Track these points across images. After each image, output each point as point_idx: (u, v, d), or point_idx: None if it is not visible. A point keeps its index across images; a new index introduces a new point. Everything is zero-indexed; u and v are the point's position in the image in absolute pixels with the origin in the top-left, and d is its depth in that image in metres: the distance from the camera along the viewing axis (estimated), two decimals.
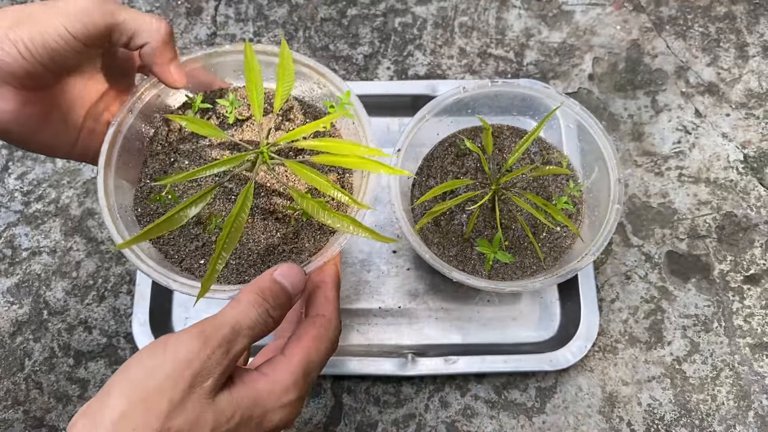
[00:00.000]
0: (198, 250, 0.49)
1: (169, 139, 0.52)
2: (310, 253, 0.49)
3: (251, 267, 0.48)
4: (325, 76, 0.51)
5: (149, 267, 0.45)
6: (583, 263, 0.52)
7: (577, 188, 0.59)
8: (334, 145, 0.44)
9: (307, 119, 0.53)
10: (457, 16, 0.74)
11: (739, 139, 0.69)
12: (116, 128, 0.48)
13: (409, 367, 0.58)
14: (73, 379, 0.61)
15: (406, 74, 0.71)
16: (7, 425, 0.60)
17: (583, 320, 0.59)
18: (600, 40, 0.73)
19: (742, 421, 0.59)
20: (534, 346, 0.61)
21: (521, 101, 0.60)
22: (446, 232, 0.57)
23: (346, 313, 0.62)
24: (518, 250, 0.56)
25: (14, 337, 0.63)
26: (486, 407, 0.60)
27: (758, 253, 0.64)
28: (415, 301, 0.63)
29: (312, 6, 0.75)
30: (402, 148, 0.56)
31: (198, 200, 0.41)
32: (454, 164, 0.60)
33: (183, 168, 0.50)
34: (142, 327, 0.59)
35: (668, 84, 0.71)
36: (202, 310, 0.59)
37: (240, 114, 0.52)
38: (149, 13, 0.47)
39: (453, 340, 0.61)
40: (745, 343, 0.61)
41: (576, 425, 0.59)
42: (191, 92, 0.52)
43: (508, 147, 0.61)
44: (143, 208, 0.50)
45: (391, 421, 0.59)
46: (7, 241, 0.66)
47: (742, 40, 0.72)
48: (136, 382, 0.33)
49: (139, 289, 0.60)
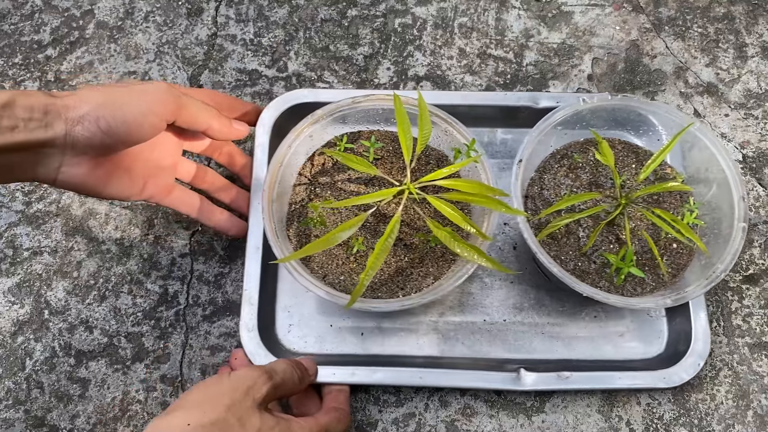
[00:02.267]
0: (338, 267, 0.57)
1: (312, 172, 0.61)
2: (434, 277, 0.57)
3: (384, 285, 0.57)
4: (453, 126, 0.59)
5: (307, 280, 0.53)
6: (713, 280, 0.53)
7: (696, 205, 0.59)
8: (464, 184, 0.52)
9: (430, 160, 0.62)
10: (457, 16, 0.74)
11: (738, 139, 0.69)
12: (278, 162, 0.57)
13: (520, 382, 0.56)
14: (74, 379, 0.61)
15: (406, 75, 0.71)
16: (8, 425, 0.60)
17: (697, 336, 0.58)
18: (599, 40, 0.73)
19: (741, 421, 0.59)
20: (642, 363, 0.60)
21: (637, 116, 0.61)
22: (562, 246, 0.58)
23: (450, 324, 0.62)
24: (637, 266, 0.56)
25: (15, 337, 0.63)
26: (485, 406, 0.60)
27: (757, 252, 0.64)
28: (521, 315, 0.62)
29: (312, 7, 0.75)
30: (523, 159, 0.57)
31: (351, 226, 0.50)
32: (567, 177, 0.60)
33: (324, 197, 0.60)
34: (251, 333, 0.58)
35: (667, 84, 0.71)
36: (306, 319, 0.62)
37: (376, 153, 0.61)
38: (204, 100, 0.55)
39: (560, 355, 0.60)
40: (744, 343, 0.61)
41: (575, 424, 0.59)
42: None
43: (622, 161, 0.61)
44: (294, 230, 0.59)
45: (391, 420, 0.60)
46: (8, 241, 0.66)
47: (741, 40, 0.73)
48: (204, 389, 0.44)
49: (247, 294, 0.59)
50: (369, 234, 0.59)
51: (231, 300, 0.64)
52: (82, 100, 0.45)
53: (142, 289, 0.64)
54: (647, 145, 0.63)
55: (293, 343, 0.61)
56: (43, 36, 0.74)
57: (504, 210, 0.50)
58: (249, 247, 0.60)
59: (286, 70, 0.72)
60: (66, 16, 0.75)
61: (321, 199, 0.60)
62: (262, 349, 0.57)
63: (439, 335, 0.61)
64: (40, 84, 0.72)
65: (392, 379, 0.57)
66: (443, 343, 0.61)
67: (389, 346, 0.61)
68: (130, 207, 0.67)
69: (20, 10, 0.75)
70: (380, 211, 0.59)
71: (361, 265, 0.58)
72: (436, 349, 0.61)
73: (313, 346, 0.61)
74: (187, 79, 0.72)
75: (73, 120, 0.44)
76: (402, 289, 0.57)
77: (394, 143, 0.62)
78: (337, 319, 0.62)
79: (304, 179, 0.61)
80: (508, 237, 0.65)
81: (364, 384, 0.59)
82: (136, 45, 0.74)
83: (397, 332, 0.61)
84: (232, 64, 0.72)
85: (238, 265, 0.65)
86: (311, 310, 0.62)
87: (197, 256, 0.65)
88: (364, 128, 0.63)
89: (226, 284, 0.64)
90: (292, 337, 0.61)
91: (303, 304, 0.62)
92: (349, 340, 0.61)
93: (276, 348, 0.59)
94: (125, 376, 0.61)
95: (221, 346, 0.62)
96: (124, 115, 0.46)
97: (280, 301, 0.62)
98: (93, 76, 0.72)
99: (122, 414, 0.60)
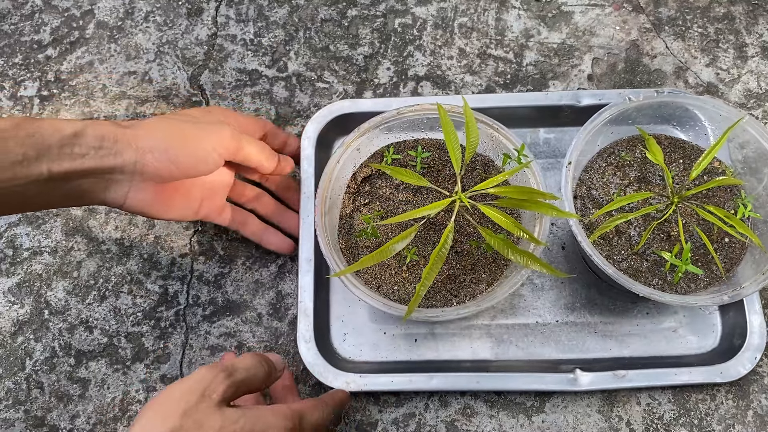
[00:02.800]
0: (391, 278, 0.58)
1: (360, 183, 0.61)
2: (487, 283, 0.57)
3: (437, 293, 0.57)
4: (499, 131, 0.59)
5: (362, 292, 0.54)
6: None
7: (748, 199, 0.58)
8: (514, 191, 0.51)
9: (476, 166, 0.61)
10: (457, 16, 0.74)
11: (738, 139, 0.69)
12: (328, 177, 0.58)
13: (577, 383, 0.56)
14: (74, 379, 0.61)
15: (406, 75, 0.72)
16: (8, 425, 0.60)
17: (753, 330, 0.58)
18: (599, 40, 0.73)
19: (741, 421, 0.59)
20: (697, 358, 0.60)
21: (684, 111, 0.60)
22: (614, 246, 0.57)
23: (502, 327, 0.62)
24: (690, 262, 0.56)
25: (15, 337, 0.63)
26: (485, 406, 0.60)
27: None
28: (573, 315, 0.62)
29: (312, 7, 0.75)
30: (573, 161, 0.57)
31: (404, 237, 0.50)
32: (615, 175, 0.60)
33: (373, 208, 0.60)
34: (308, 344, 0.58)
35: (667, 84, 0.71)
36: (359, 327, 0.62)
37: (423, 162, 0.61)
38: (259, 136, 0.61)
39: (615, 353, 0.60)
40: None
41: (575, 424, 0.59)
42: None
43: (669, 157, 0.61)
44: (345, 241, 0.60)
45: (391, 420, 0.60)
46: (8, 241, 0.66)
47: (741, 40, 0.73)
48: (159, 400, 0.42)
49: (302, 305, 0.59)
50: (420, 243, 0.59)
51: (231, 300, 0.64)
52: (153, 129, 0.50)
53: (142, 289, 0.64)
54: (693, 139, 0.63)
55: (349, 352, 0.61)
56: (43, 36, 0.74)
57: (556, 214, 0.50)
58: (301, 260, 0.60)
59: (286, 70, 0.72)
60: (66, 16, 0.75)
61: (370, 210, 0.60)
62: (320, 360, 0.57)
63: (492, 339, 0.61)
64: (40, 84, 0.72)
65: (449, 384, 0.57)
66: (497, 346, 0.61)
67: (443, 351, 0.61)
68: None
69: (20, 10, 0.75)
70: (430, 220, 0.59)
71: (414, 275, 0.58)
72: (489, 353, 0.61)
73: (368, 354, 0.61)
74: (187, 79, 0.72)
75: (143, 149, 0.48)
76: (455, 296, 0.57)
77: (440, 151, 0.62)
78: (391, 327, 0.62)
79: (353, 191, 0.61)
80: (556, 237, 0.65)
81: (422, 390, 0.59)
82: (136, 45, 0.74)
83: (450, 337, 0.61)
84: (232, 64, 0.72)
85: (238, 265, 0.65)
86: (364, 319, 0.62)
87: (197, 256, 0.65)
88: (409, 137, 0.63)
89: (226, 284, 0.64)
90: (348, 346, 0.61)
91: (356, 313, 0.62)
92: (403, 347, 0.61)
93: (333, 358, 0.59)
94: (125, 376, 0.61)
95: (221, 346, 0.62)
96: (192, 150, 0.51)
97: (334, 311, 0.63)
98: (93, 76, 0.72)
99: (122, 414, 0.60)
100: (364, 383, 0.57)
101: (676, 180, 0.60)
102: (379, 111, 0.60)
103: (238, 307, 0.64)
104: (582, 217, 0.58)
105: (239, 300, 0.64)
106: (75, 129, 0.46)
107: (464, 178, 0.61)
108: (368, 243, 0.59)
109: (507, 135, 0.58)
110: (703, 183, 0.57)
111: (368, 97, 0.71)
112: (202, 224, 0.66)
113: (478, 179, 0.61)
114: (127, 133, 0.48)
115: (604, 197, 0.60)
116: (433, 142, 0.63)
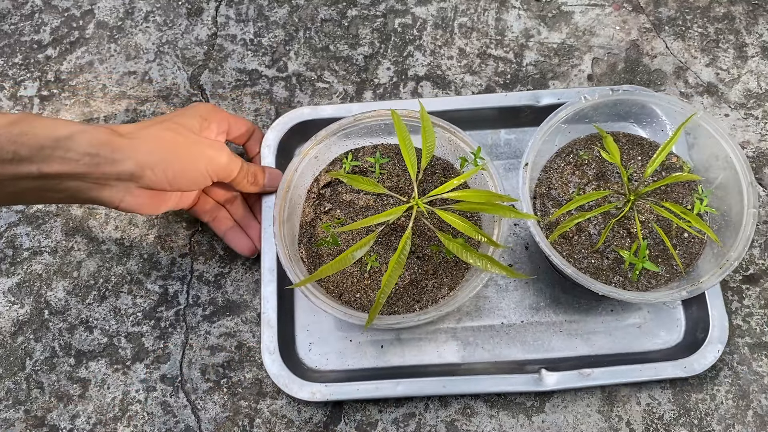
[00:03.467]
0: (353, 285, 0.58)
1: (320, 191, 0.61)
2: (449, 287, 0.57)
3: (399, 299, 0.57)
4: (456, 134, 0.59)
5: (323, 302, 0.53)
6: (727, 268, 0.53)
7: (705, 193, 0.59)
8: (472, 194, 0.52)
9: (436, 170, 0.62)
10: (457, 16, 0.74)
11: (738, 139, 0.69)
12: (286, 186, 0.57)
13: (542, 383, 0.57)
14: (74, 379, 0.61)
15: (406, 75, 0.71)
16: (8, 425, 0.60)
17: (714, 323, 0.58)
18: (599, 40, 0.73)
19: (741, 421, 0.59)
20: (662, 353, 0.60)
21: (640, 108, 0.61)
22: (574, 245, 0.58)
23: (468, 330, 0.62)
24: (650, 258, 0.56)
25: (15, 337, 0.63)
26: (485, 406, 0.60)
27: (757, 253, 0.64)
28: (538, 315, 0.62)
29: (312, 7, 0.75)
30: (530, 161, 0.57)
31: (363, 245, 0.50)
32: (573, 174, 0.60)
33: (334, 215, 0.60)
34: (272, 356, 0.58)
35: (667, 84, 0.71)
36: (325, 336, 0.62)
37: (382, 168, 0.62)
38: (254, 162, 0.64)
39: (581, 352, 0.61)
40: (744, 343, 0.61)
41: (575, 424, 0.59)
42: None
43: (627, 154, 0.61)
44: (307, 250, 0.59)
45: (391, 420, 0.59)
46: (8, 241, 0.66)
47: (741, 40, 0.73)
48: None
49: (265, 316, 0.59)
50: (381, 249, 0.59)
51: (231, 300, 0.64)
52: (153, 143, 0.51)
53: (142, 289, 0.64)
54: (651, 135, 0.63)
55: (315, 362, 0.61)
56: (43, 36, 0.74)
57: (514, 216, 0.50)
58: (264, 271, 0.60)
59: (286, 70, 0.72)
60: (66, 16, 0.75)
61: (331, 217, 0.60)
62: (285, 371, 0.57)
63: (459, 342, 0.61)
64: (40, 84, 0.72)
65: (416, 390, 0.57)
66: (463, 349, 0.61)
67: (410, 356, 0.61)
68: None
69: (20, 10, 0.75)
70: (391, 226, 0.59)
71: (375, 282, 0.58)
72: (456, 356, 0.61)
73: (335, 363, 0.61)
74: (187, 79, 0.72)
75: (143, 164, 0.49)
76: (418, 301, 0.57)
77: (399, 155, 0.62)
78: (356, 334, 0.62)
79: (313, 198, 0.61)
80: (519, 237, 0.65)
81: (389, 397, 0.59)
82: (136, 45, 0.74)
83: (416, 342, 0.61)
84: (232, 64, 0.72)
85: (238, 265, 0.65)
86: (330, 327, 0.62)
87: (197, 256, 0.65)
88: (368, 143, 0.63)
89: (226, 284, 0.64)
90: (314, 356, 0.61)
91: (321, 322, 0.62)
92: (369, 354, 0.61)
93: (299, 368, 0.59)
94: (125, 376, 0.61)
95: (221, 346, 0.62)
96: (188, 171, 0.53)
97: (299, 321, 0.62)
98: (93, 76, 0.72)
99: (122, 414, 0.60)
100: (329, 393, 0.57)
101: (635, 177, 0.60)
102: (340, 117, 0.60)
103: (238, 307, 0.64)
104: (542, 217, 0.59)
105: (239, 300, 0.64)
106: (70, 131, 0.46)
107: (424, 183, 0.61)
108: (331, 251, 0.59)
109: (463, 138, 0.58)
110: (662, 179, 0.57)
111: (368, 97, 0.71)
112: (202, 224, 0.66)
113: (438, 183, 0.61)
114: (125, 144, 0.49)
115: (563, 197, 0.60)
116: (392, 147, 0.63)
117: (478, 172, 0.58)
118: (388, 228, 0.59)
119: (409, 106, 0.60)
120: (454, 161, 0.62)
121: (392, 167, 0.62)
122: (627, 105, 0.61)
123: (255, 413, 0.60)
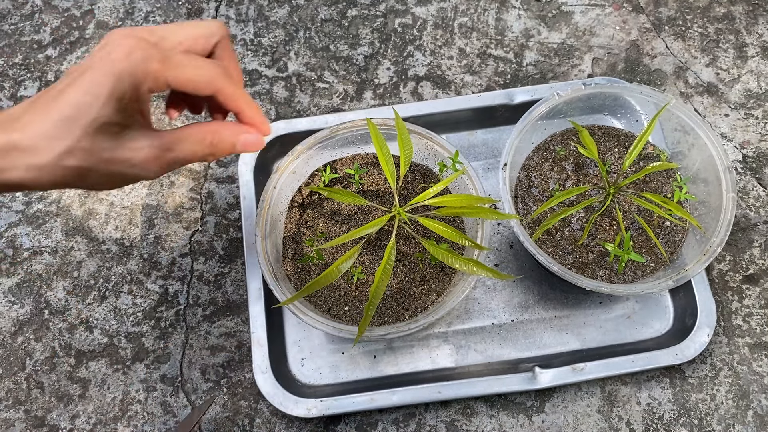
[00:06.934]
0: (341, 298, 0.57)
1: (302, 202, 0.61)
2: (437, 293, 0.57)
3: (389, 309, 0.57)
4: (433, 140, 0.58)
5: (312, 318, 0.53)
6: (711, 254, 0.53)
7: (684, 180, 0.59)
8: (453, 199, 0.52)
9: (416, 176, 0.61)
10: (457, 16, 0.74)
11: (738, 139, 0.69)
12: (266, 204, 0.57)
13: (536, 381, 0.57)
14: (74, 379, 0.61)
15: (406, 75, 0.71)
16: (9, 425, 0.60)
17: (702, 308, 0.58)
18: (599, 40, 0.73)
19: (741, 421, 0.59)
20: (653, 342, 0.60)
21: (613, 101, 0.61)
22: (558, 240, 0.58)
23: (459, 333, 0.61)
24: (634, 249, 0.56)
25: (15, 337, 0.63)
26: (485, 406, 0.60)
27: (757, 253, 0.64)
28: (528, 313, 0.62)
29: (312, 7, 0.75)
30: (509, 161, 0.57)
31: (348, 258, 0.49)
32: (552, 170, 0.61)
33: (317, 228, 0.60)
34: (265, 375, 0.57)
35: (667, 84, 0.71)
36: (317, 350, 0.61)
37: (361, 178, 0.61)
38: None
39: (573, 346, 0.61)
40: (744, 343, 0.61)
41: (575, 424, 0.59)
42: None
43: (604, 146, 0.61)
44: (293, 266, 0.59)
45: (391, 420, 0.59)
46: (8, 241, 0.66)
47: (741, 40, 0.73)
48: None
49: (255, 336, 0.58)
50: (367, 259, 0.59)
51: (231, 300, 0.64)
52: (54, 141, 0.36)
53: (142, 289, 0.64)
54: (627, 126, 0.63)
55: (308, 377, 0.61)
56: (43, 36, 0.74)
57: (496, 217, 0.50)
58: (251, 290, 0.59)
59: (286, 70, 0.72)
60: (66, 16, 0.75)
61: (314, 230, 0.60)
62: (278, 389, 0.57)
63: (451, 346, 0.61)
64: (40, 84, 0.72)
65: (411, 398, 0.57)
66: (456, 353, 0.61)
67: (403, 364, 0.61)
68: (130, 207, 0.67)
69: (20, 10, 0.75)
70: (375, 236, 0.59)
71: (363, 293, 0.57)
72: (449, 360, 0.61)
73: (329, 377, 0.60)
74: None
75: (51, 166, 0.37)
76: (407, 309, 0.57)
77: (378, 164, 0.62)
78: (348, 346, 0.61)
79: (294, 213, 0.61)
80: (503, 237, 0.65)
81: (385, 408, 0.59)
82: None
83: (409, 349, 0.61)
84: None
85: (238, 265, 0.65)
86: (321, 341, 0.62)
87: (197, 256, 0.65)
88: (346, 154, 0.63)
89: (226, 284, 0.64)
90: (307, 371, 0.61)
91: (312, 337, 0.62)
92: (362, 365, 0.61)
93: (292, 385, 0.59)
94: (125, 376, 0.61)
95: (221, 346, 0.62)
96: (115, 175, 0.39)
97: (290, 337, 0.62)
98: None
99: (122, 414, 0.60)
100: (325, 407, 0.56)
101: (613, 168, 0.60)
102: (316, 130, 0.60)
103: (238, 307, 0.64)
104: (524, 215, 0.59)
105: (239, 300, 0.64)
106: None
107: (404, 190, 0.61)
108: (317, 264, 0.59)
109: (440, 142, 0.58)
110: (640, 169, 0.57)
111: (368, 97, 0.71)
112: (202, 224, 0.66)
113: (420, 189, 0.61)
114: (17, 145, 0.36)
115: (543, 194, 0.60)
116: (370, 156, 0.63)
117: (458, 177, 0.57)
118: (372, 237, 0.59)
119: (383, 114, 0.59)
120: (432, 166, 0.62)
121: (371, 175, 0.62)
122: (600, 98, 0.61)
123: (255, 413, 0.60)
